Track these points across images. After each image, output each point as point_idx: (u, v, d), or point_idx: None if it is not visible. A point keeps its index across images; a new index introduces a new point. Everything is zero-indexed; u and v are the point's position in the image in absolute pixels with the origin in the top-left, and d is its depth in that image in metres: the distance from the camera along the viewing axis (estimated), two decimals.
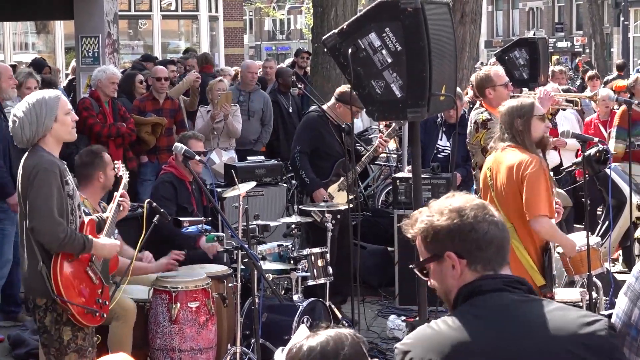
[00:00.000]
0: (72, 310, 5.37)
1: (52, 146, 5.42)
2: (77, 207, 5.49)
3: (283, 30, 74.86)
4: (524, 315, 2.69)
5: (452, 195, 2.87)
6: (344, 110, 8.61)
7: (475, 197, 2.90)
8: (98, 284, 5.59)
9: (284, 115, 12.44)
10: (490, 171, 6.11)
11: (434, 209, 2.82)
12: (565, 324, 2.69)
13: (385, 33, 5.39)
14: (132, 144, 10.31)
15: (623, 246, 10.07)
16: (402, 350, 2.75)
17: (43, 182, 5.26)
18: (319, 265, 7.76)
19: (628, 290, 3.41)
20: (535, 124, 6.07)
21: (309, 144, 8.67)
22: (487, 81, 7.45)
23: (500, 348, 2.65)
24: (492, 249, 2.77)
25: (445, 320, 2.75)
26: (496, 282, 2.74)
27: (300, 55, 15.78)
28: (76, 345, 5.51)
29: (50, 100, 5.38)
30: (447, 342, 2.68)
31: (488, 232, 2.76)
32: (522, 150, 5.97)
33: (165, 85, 10.85)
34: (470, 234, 2.75)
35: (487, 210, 2.79)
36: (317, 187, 8.57)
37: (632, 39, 45.95)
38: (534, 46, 10.50)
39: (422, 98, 5.40)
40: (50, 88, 9.98)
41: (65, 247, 5.33)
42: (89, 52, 16.21)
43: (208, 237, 6.91)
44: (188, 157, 6.64)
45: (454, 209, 2.78)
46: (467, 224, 2.75)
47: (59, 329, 5.46)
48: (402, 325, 8.25)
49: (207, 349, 6.71)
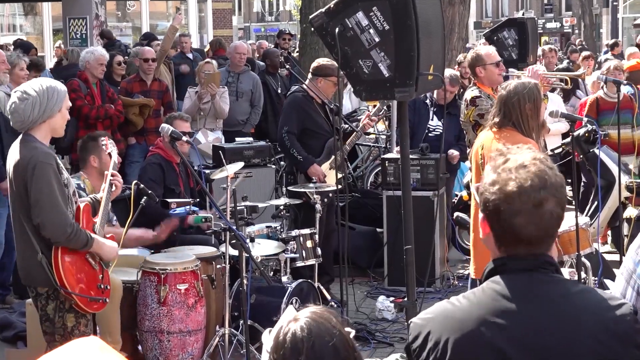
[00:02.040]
0: (76, 300, 5.38)
1: (44, 135, 5.41)
2: (72, 195, 5.48)
3: (272, 11, 74.73)
4: (550, 297, 2.58)
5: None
6: (324, 84, 8.58)
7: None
8: (98, 269, 5.58)
9: (272, 97, 12.41)
10: (482, 150, 6.04)
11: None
12: (591, 307, 2.58)
13: (373, 12, 5.37)
14: (120, 126, 10.28)
15: (612, 226, 10.09)
16: (420, 325, 2.65)
17: (43, 176, 5.24)
18: (307, 246, 7.75)
19: (624, 270, 3.40)
20: (542, 107, 6.04)
21: (297, 124, 8.62)
22: (477, 60, 7.52)
23: (524, 330, 2.55)
24: None
25: (467, 297, 2.64)
26: (524, 261, 2.62)
27: (282, 37, 15.73)
28: (79, 331, 5.50)
29: (61, 90, 5.43)
30: (468, 319, 2.57)
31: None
32: (518, 134, 5.83)
33: (152, 67, 10.80)
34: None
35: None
36: (311, 163, 8.52)
37: (621, 19, 45.98)
38: (522, 27, 10.49)
39: (410, 77, 5.38)
40: (39, 70, 9.99)
41: (70, 242, 5.33)
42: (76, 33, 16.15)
43: (196, 218, 6.90)
44: (175, 138, 6.62)
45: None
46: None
47: (62, 316, 5.45)
48: (390, 306, 8.26)
49: (196, 330, 6.69)
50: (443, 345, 2.57)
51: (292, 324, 2.64)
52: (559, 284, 2.63)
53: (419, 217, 7.50)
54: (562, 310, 2.56)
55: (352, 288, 8.41)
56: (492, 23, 46.16)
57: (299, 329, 2.61)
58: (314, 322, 2.62)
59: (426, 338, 2.61)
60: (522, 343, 2.54)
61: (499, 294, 2.59)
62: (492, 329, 2.55)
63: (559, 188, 2.61)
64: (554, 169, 2.64)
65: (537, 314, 2.56)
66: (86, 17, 15.81)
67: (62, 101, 5.37)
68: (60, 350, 2.50)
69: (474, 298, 2.63)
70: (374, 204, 10.22)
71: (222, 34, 32.50)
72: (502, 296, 2.59)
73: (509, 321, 2.56)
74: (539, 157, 2.65)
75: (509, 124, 5.92)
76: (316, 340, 2.59)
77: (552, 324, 2.55)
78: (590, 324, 2.55)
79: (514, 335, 2.54)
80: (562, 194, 2.61)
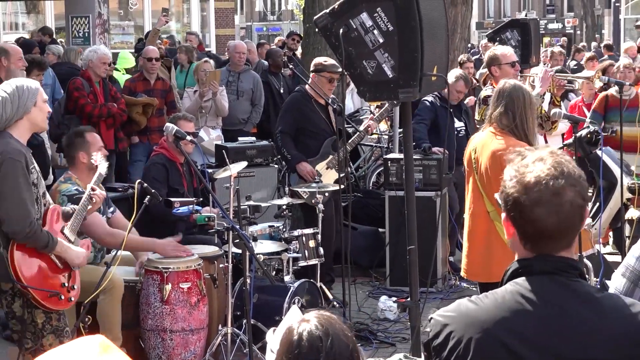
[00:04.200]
0: (32, 294, 5.37)
1: (22, 132, 5.46)
2: (41, 196, 5.50)
3: (274, 11, 74.63)
4: (572, 302, 2.56)
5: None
6: (318, 80, 8.64)
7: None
8: (63, 268, 5.59)
9: (274, 96, 12.42)
10: (475, 153, 5.99)
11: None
12: (614, 314, 2.56)
13: (377, 13, 5.38)
14: (123, 125, 10.29)
15: (613, 228, 10.09)
16: (442, 322, 2.63)
17: (10, 172, 5.29)
18: (310, 246, 7.76)
19: (627, 271, 3.40)
20: (535, 111, 6.05)
21: (291, 124, 8.67)
22: (493, 59, 7.63)
23: (545, 334, 2.53)
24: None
25: (490, 297, 2.62)
26: (548, 263, 2.61)
27: (292, 37, 15.77)
28: (52, 326, 5.52)
29: (32, 85, 5.51)
30: (491, 320, 2.56)
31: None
32: (512, 138, 5.77)
33: (156, 66, 10.82)
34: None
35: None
36: (299, 161, 8.54)
37: (623, 20, 45.91)
38: (525, 27, 10.49)
39: (413, 78, 5.39)
40: (41, 68, 9.98)
41: (29, 240, 5.36)
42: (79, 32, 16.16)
43: (199, 217, 6.90)
44: (179, 137, 6.64)
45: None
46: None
47: (31, 312, 5.46)
48: (393, 307, 8.26)
49: (199, 329, 6.71)
50: (465, 344, 2.57)
51: (305, 324, 2.60)
52: (582, 289, 2.61)
53: (421, 218, 7.50)
54: (584, 316, 2.55)
55: (354, 288, 8.41)
56: (494, 24, 46.15)
57: (315, 328, 2.58)
58: (328, 322, 2.60)
59: (448, 336, 2.61)
60: (542, 347, 2.53)
61: (523, 296, 2.58)
62: (513, 331, 2.55)
63: (578, 179, 2.60)
64: (572, 162, 2.63)
65: (559, 319, 2.55)
66: (89, 16, 15.80)
67: (34, 96, 5.43)
68: (62, 348, 2.49)
69: (497, 299, 2.62)
70: (376, 204, 10.23)
71: (224, 33, 32.50)
72: (526, 299, 2.57)
73: (531, 325, 2.55)
74: (556, 152, 2.65)
75: (505, 122, 5.86)
76: (334, 339, 2.56)
77: (574, 329, 2.54)
78: (612, 330, 2.53)
79: (535, 339, 2.54)
80: (581, 185, 2.60)
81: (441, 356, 2.62)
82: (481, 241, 5.92)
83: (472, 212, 6.02)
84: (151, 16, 28.90)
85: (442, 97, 9.39)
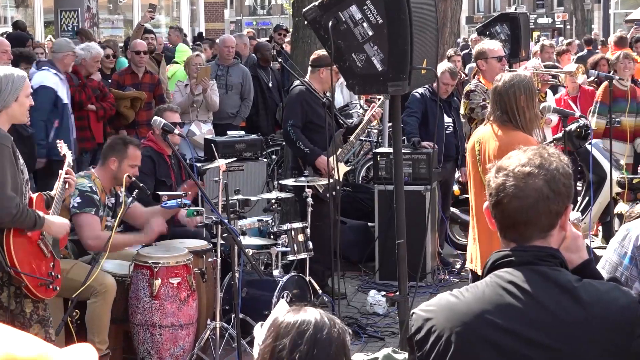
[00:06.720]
0: (26, 282, 5.37)
1: (2, 123, 5.42)
2: (25, 183, 5.49)
3: (264, 5, 74.61)
4: (553, 291, 2.55)
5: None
6: (327, 74, 8.36)
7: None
8: (50, 257, 5.62)
9: (263, 90, 12.40)
10: (479, 145, 5.96)
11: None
12: (595, 300, 2.54)
13: (367, 5, 5.36)
14: (111, 119, 10.27)
15: (603, 222, 10.10)
16: (423, 317, 2.62)
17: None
18: (299, 240, 7.74)
19: (606, 264, 3.42)
20: (536, 99, 6.01)
21: (301, 117, 8.51)
22: (481, 53, 7.67)
23: (528, 325, 2.52)
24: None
25: (470, 290, 2.62)
26: (528, 253, 2.60)
27: (278, 32, 15.73)
28: (38, 316, 5.54)
29: (17, 78, 5.44)
30: (472, 313, 2.55)
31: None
32: (516, 129, 5.76)
33: (144, 59, 10.78)
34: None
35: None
36: (318, 155, 8.43)
37: (612, 15, 46.02)
38: (515, 22, 10.51)
39: (403, 71, 5.37)
40: (29, 62, 9.92)
41: (16, 223, 5.34)
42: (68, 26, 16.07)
43: (188, 211, 6.88)
44: (167, 130, 6.62)
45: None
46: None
47: (20, 302, 5.46)
48: (382, 301, 8.25)
49: (188, 324, 6.68)
50: (446, 338, 2.56)
51: (291, 314, 2.61)
52: (562, 278, 2.59)
53: (411, 212, 7.48)
54: (564, 305, 2.54)
55: (343, 282, 8.40)
56: (484, 18, 46.17)
57: (302, 317, 2.58)
58: (317, 313, 2.60)
59: (429, 330, 2.59)
60: (524, 339, 2.52)
61: (503, 288, 2.57)
62: (495, 324, 2.53)
63: (553, 172, 2.59)
64: (562, 160, 2.63)
65: (540, 310, 2.53)
66: (78, 10, 15.75)
67: (18, 90, 5.39)
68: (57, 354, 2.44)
69: (477, 292, 2.60)
70: (365, 198, 10.21)
71: (213, 27, 32.47)
72: (506, 291, 2.56)
73: (512, 317, 2.54)
74: (548, 149, 2.66)
75: (506, 118, 5.83)
76: (319, 329, 2.56)
77: (555, 319, 2.52)
78: (595, 316, 2.52)
79: (516, 331, 2.52)
80: (554, 176, 2.59)
81: (423, 350, 2.60)
82: (486, 231, 5.89)
83: (476, 203, 5.97)
84: (140, 10, 28.81)
85: (432, 90, 9.36)
